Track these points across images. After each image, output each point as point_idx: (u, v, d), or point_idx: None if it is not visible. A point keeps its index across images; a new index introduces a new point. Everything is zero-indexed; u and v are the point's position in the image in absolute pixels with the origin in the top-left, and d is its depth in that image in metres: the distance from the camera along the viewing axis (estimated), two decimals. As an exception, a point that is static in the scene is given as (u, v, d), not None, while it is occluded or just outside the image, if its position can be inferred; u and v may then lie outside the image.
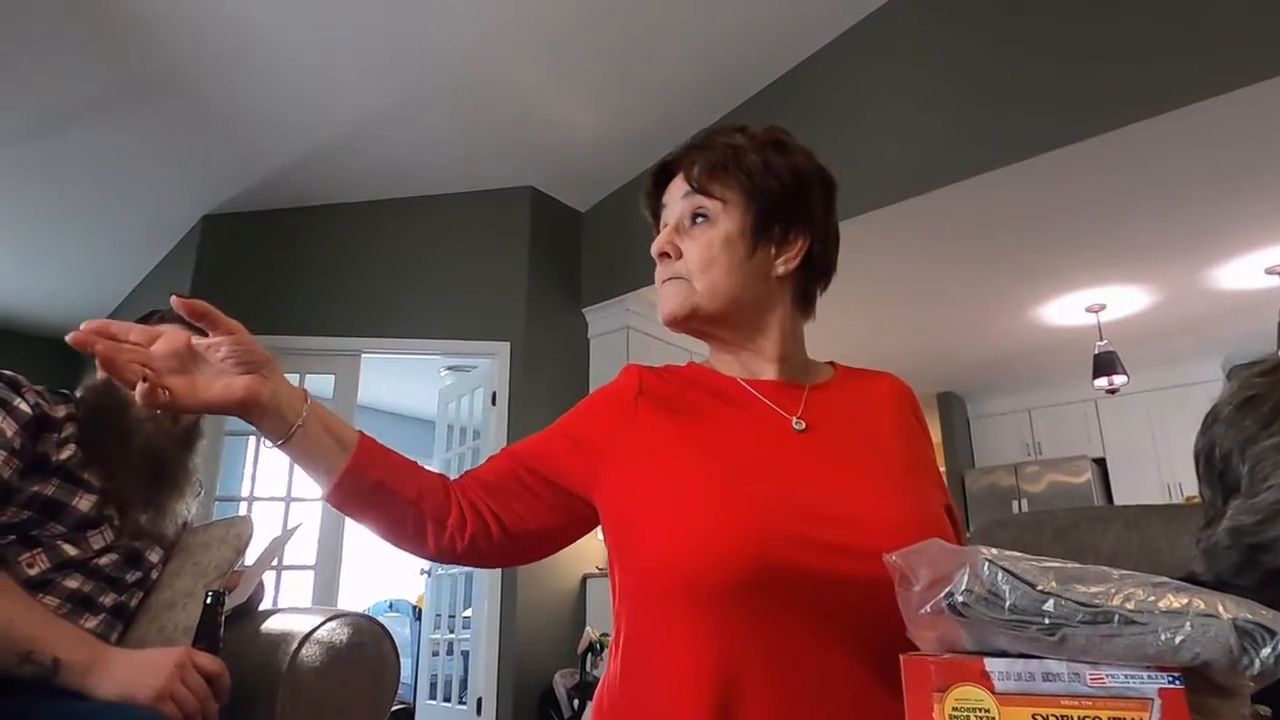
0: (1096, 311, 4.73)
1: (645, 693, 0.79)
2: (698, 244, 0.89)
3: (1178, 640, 0.47)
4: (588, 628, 3.78)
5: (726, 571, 0.73)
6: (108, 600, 1.22)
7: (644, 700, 0.79)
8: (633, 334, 4.26)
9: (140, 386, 0.70)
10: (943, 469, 5.88)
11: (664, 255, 0.91)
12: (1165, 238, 3.86)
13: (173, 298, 0.72)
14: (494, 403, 4.03)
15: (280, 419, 0.78)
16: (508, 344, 4.09)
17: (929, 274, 4.25)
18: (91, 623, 1.19)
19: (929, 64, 3.43)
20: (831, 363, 1.01)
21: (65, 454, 1.19)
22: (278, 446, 0.79)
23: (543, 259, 4.34)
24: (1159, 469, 5.81)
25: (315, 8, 3.05)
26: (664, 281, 0.92)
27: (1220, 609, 0.47)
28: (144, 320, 1.36)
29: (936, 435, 6.63)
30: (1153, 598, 0.49)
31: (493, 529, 0.87)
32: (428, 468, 0.90)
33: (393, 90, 3.54)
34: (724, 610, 0.74)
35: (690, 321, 0.91)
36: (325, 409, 0.82)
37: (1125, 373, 4.76)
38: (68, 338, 0.69)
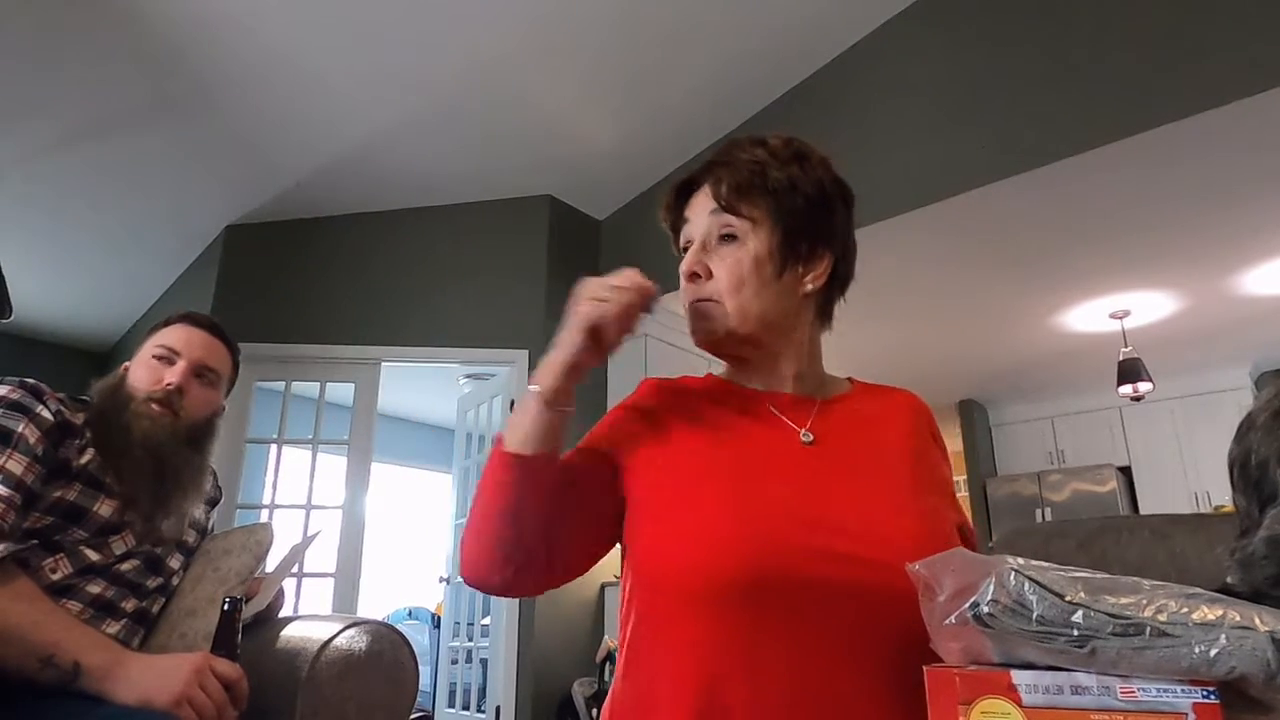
0: (1120, 318, 4.67)
1: (646, 691, 0.80)
2: (727, 264, 0.89)
3: (1212, 653, 0.46)
4: (606, 637, 3.77)
5: (730, 575, 0.75)
6: (129, 606, 1.23)
7: (644, 697, 0.80)
8: (650, 342, 4.25)
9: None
10: (964, 477, 5.77)
11: (694, 275, 0.91)
12: (1191, 242, 3.80)
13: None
14: (512, 410, 4.03)
15: (571, 394, 0.83)
16: (526, 352, 4.10)
17: (950, 280, 4.21)
18: (114, 628, 1.19)
19: (949, 67, 3.40)
20: (850, 378, 1.02)
21: (86, 459, 1.21)
22: (544, 402, 0.82)
23: (561, 267, 4.35)
24: (1186, 477, 5.71)
25: (336, 26, 3.09)
26: (693, 303, 0.92)
27: (1257, 621, 0.46)
28: (155, 327, 1.38)
29: (958, 444, 6.57)
30: (1186, 609, 0.47)
31: (539, 557, 0.85)
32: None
33: (411, 103, 3.57)
34: (726, 612, 0.75)
35: (723, 344, 0.92)
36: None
37: (1150, 380, 4.69)
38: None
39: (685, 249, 0.95)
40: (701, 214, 0.92)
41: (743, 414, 0.91)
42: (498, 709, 3.68)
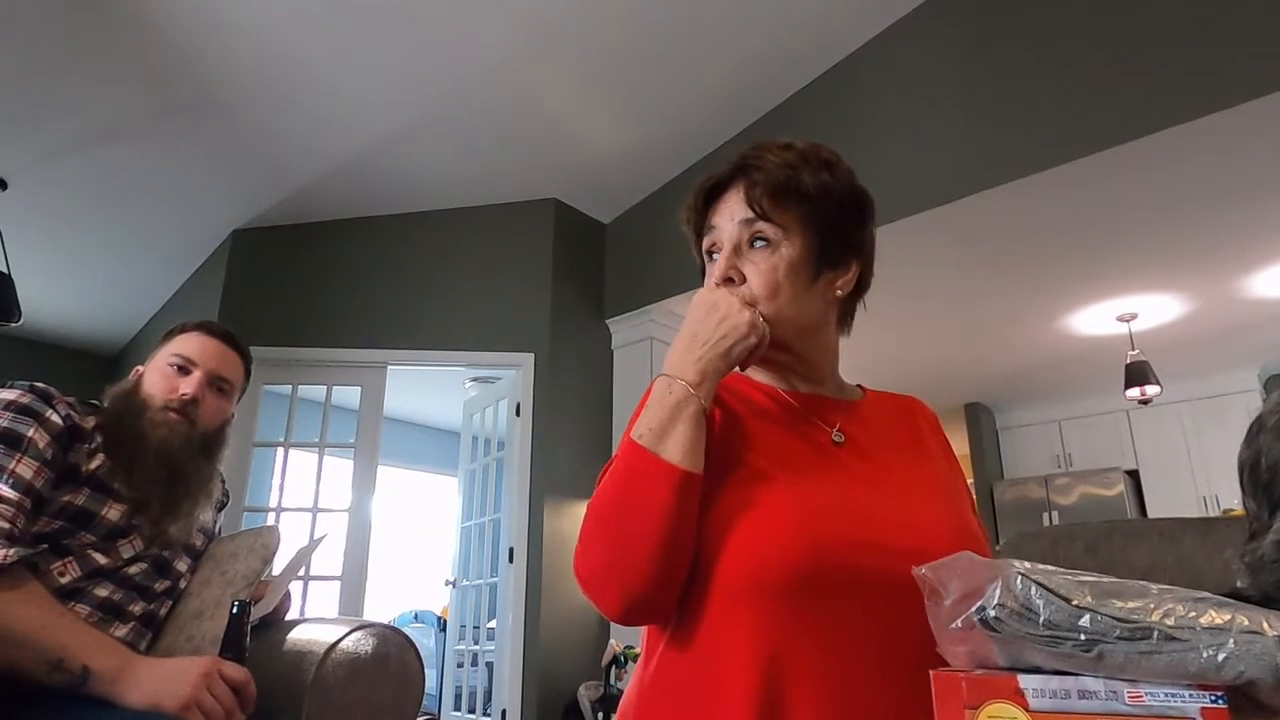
0: (1128, 321, 4.65)
1: (694, 679, 0.79)
2: (760, 271, 0.88)
3: (1221, 658, 0.45)
4: (612, 640, 3.77)
5: (785, 568, 0.76)
6: (137, 609, 1.24)
7: (692, 686, 0.79)
8: (656, 345, 4.25)
9: None
10: (971, 481, 5.76)
11: (728, 281, 0.89)
12: (1198, 245, 3.78)
13: None
14: (518, 414, 4.05)
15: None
16: (532, 355, 4.10)
17: (956, 283, 4.21)
18: (121, 631, 1.20)
19: (956, 69, 3.40)
20: (860, 385, 1.03)
21: (95, 463, 1.21)
22: (703, 411, 0.81)
23: (566, 270, 4.36)
24: (1194, 481, 5.68)
25: (342, 31, 3.10)
26: None
27: (1265, 625, 0.46)
28: (170, 333, 1.38)
29: (964, 447, 6.55)
30: (1194, 613, 0.47)
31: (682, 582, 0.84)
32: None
33: (417, 107, 3.58)
34: (776, 605, 0.76)
35: (757, 350, 0.91)
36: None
37: (1158, 383, 4.67)
38: None
39: (710, 252, 0.94)
40: (731, 217, 0.90)
41: (775, 415, 0.92)
42: (504, 712, 3.68)
